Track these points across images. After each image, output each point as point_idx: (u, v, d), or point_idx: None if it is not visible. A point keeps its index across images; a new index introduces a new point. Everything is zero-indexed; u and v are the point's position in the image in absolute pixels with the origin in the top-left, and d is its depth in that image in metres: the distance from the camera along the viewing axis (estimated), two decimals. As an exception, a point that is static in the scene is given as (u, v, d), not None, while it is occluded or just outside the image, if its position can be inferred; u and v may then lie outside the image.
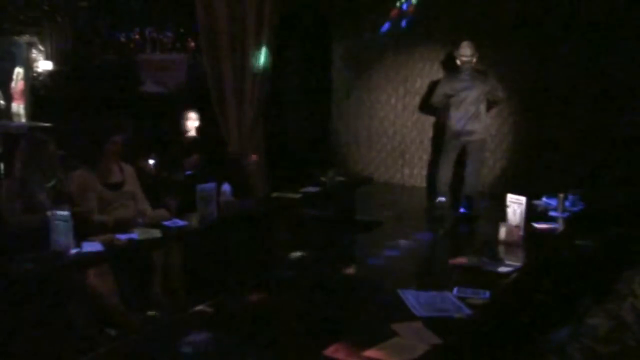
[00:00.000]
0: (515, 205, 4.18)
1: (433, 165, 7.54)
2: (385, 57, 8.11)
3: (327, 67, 8.50)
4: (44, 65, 9.07)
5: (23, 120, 8.89)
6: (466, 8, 7.39)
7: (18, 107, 8.94)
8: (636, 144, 6.41)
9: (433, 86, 7.29)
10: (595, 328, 2.43)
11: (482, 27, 7.19)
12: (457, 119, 6.62)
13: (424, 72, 7.90)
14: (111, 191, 4.36)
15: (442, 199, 6.69)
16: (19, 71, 8.96)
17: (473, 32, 7.03)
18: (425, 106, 7.74)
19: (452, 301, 2.91)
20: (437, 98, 6.92)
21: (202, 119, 6.53)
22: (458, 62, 6.73)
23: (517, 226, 4.12)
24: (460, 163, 6.86)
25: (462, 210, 4.69)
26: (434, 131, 7.81)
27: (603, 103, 6.77)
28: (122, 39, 9.20)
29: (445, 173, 6.82)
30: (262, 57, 6.53)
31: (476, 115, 6.59)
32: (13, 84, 8.93)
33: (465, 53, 6.64)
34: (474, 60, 6.67)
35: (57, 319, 3.46)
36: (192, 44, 8.72)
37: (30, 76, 9.05)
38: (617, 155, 6.58)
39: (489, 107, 6.85)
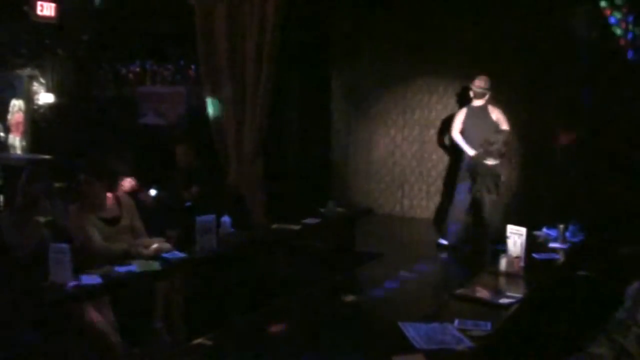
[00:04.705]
0: (516, 236, 4.16)
1: (443, 197, 7.53)
2: (384, 89, 8.17)
3: (327, 98, 8.54)
4: (44, 98, 9.11)
5: (19, 152, 8.89)
6: (464, 41, 7.45)
7: (14, 139, 8.95)
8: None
9: (447, 120, 7.33)
10: (601, 358, 2.43)
11: (481, 60, 7.24)
12: (470, 153, 6.62)
13: (423, 103, 7.95)
14: (108, 226, 4.33)
15: (444, 241, 6.61)
16: (14, 103, 8.96)
17: (472, 64, 7.09)
18: (429, 138, 7.80)
19: (452, 333, 2.89)
20: (455, 130, 6.84)
21: (201, 150, 6.54)
22: (471, 94, 6.77)
23: (517, 257, 4.10)
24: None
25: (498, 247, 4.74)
26: (439, 164, 7.83)
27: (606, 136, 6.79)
28: (123, 72, 9.27)
29: (462, 203, 6.66)
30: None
31: (487, 147, 6.55)
32: (9, 116, 8.93)
33: (480, 85, 6.69)
34: (487, 94, 6.69)
35: (55, 352, 3.42)
36: (192, 76, 8.79)
37: (31, 109, 9.09)
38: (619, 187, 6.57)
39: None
